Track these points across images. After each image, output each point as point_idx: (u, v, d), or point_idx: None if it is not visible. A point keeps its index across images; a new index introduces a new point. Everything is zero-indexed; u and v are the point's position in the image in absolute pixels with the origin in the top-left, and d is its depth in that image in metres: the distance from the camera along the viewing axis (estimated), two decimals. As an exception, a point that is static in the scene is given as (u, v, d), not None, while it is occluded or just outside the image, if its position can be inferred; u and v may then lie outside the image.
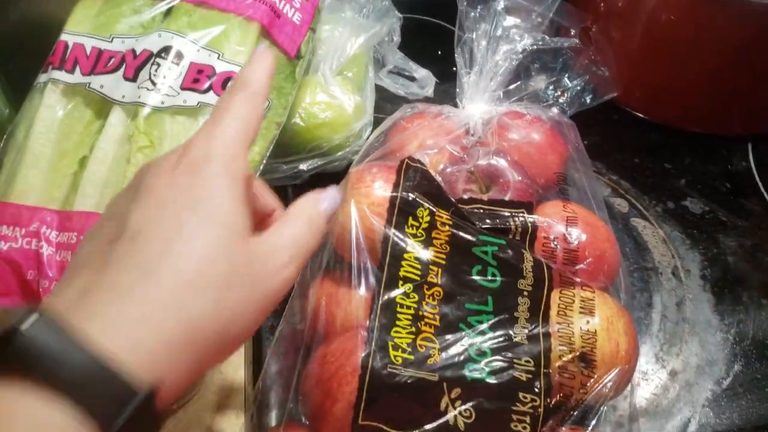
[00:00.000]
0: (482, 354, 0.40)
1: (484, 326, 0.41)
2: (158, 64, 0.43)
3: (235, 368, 0.48)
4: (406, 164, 0.46)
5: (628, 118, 0.71)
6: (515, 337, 0.41)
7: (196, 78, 0.44)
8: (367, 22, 0.62)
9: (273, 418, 0.41)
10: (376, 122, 0.59)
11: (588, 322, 0.43)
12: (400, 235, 0.42)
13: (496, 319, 0.41)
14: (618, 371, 0.42)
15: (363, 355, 0.38)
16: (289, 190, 0.62)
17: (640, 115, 0.70)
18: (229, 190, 0.26)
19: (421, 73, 0.68)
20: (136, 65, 0.43)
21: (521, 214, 0.47)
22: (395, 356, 0.38)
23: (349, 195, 0.44)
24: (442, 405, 0.37)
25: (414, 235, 0.43)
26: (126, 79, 0.43)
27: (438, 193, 0.45)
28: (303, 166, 0.57)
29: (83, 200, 0.41)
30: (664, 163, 0.67)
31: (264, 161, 0.49)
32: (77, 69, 0.44)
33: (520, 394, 0.38)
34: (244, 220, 0.27)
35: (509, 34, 0.59)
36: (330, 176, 0.55)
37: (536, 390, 0.39)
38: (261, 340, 0.51)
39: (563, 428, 0.40)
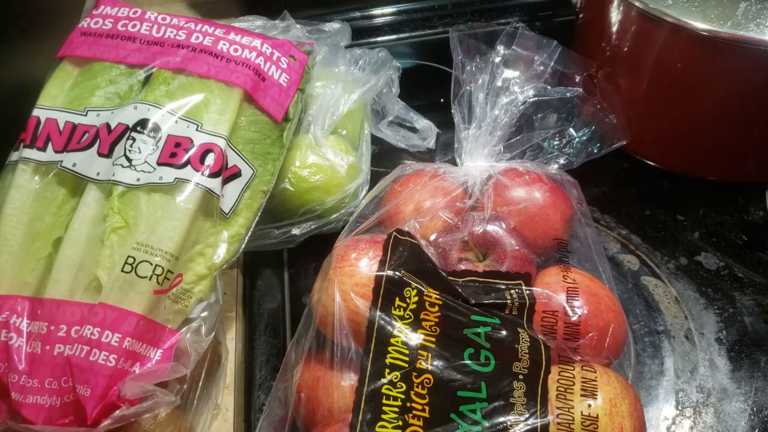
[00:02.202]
0: (474, 448, 0.37)
1: (477, 416, 0.38)
2: (133, 139, 0.42)
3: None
4: (393, 238, 0.44)
5: (639, 166, 0.69)
6: (510, 426, 0.38)
7: (174, 152, 0.42)
8: (363, 75, 0.60)
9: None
10: (376, 176, 0.56)
11: (590, 405, 0.40)
12: (387, 318, 0.40)
13: (490, 406, 0.39)
14: (623, 458, 0.39)
15: (344, 456, 0.35)
16: (284, 254, 0.60)
17: (652, 163, 0.67)
18: None
19: (423, 123, 0.67)
20: (111, 140, 0.42)
21: (518, 287, 0.44)
22: (380, 455, 0.36)
23: (332, 274, 0.42)
24: None
25: (401, 317, 0.41)
26: (100, 155, 0.42)
27: (428, 269, 0.43)
28: (296, 231, 0.55)
29: (55, 286, 0.39)
30: (677, 214, 0.64)
31: (250, 232, 0.47)
32: (49, 146, 0.43)
33: (513, 494, 0.36)
34: None
35: (509, 85, 0.57)
36: (325, 238, 0.53)
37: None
38: (251, 420, 0.48)
39: None
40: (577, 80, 0.58)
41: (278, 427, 0.42)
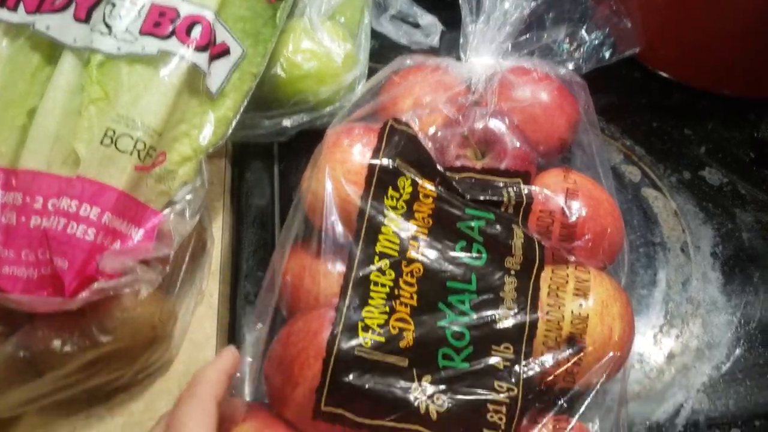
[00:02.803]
0: (460, 337, 0.37)
1: (465, 306, 0.38)
2: (113, 4, 0.39)
3: (207, 337, 0.46)
4: (389, 127, 0.42)
5: (651, 77, 0.66)
6: (498, 319, 0.38)
7: (158, 21, 0.40)
8: (366, -41, 0.56)
9: (246, 393, 0.38)
10: (373, 74, 0.54)
11: (581, 305, 0.40)
12: (379, 207, 0.39)
13: (479, 299, 0.39)
14: (609, 358, 0.40)
15: (328, 336, 0.35)
16: (274, 148, 0.58)
17: (664, 74, 0.65)
18: None
19: (427, 19, 0.63)
20: (89, 4, 0.39)
21: (516, 185, 0.43)
22: (364, 338, 0.36)
23: (323, 160, 0.40)
24: (412, 393, 0.35)
25: (393, 207, 0.39)
26: (77, 20, 0.40)
27: (424, 160, 0.42)
28: (287, 123, 0.53)
29: (30, 156, 0.38)
30: (685, 128, 0.62)
31: (237, 117, 0.45)
32: (21, 6, 0.40)
33: (496, 383, 0.36)
34: None
35: (521, -23, 0.53)
36: (318, 134, 0.51)
37: (513, 379, 0.36)
38: (236, 308, 0.48)
39: (547, 417, 0.37)
40: (593, -23, 0.55)
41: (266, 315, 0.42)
